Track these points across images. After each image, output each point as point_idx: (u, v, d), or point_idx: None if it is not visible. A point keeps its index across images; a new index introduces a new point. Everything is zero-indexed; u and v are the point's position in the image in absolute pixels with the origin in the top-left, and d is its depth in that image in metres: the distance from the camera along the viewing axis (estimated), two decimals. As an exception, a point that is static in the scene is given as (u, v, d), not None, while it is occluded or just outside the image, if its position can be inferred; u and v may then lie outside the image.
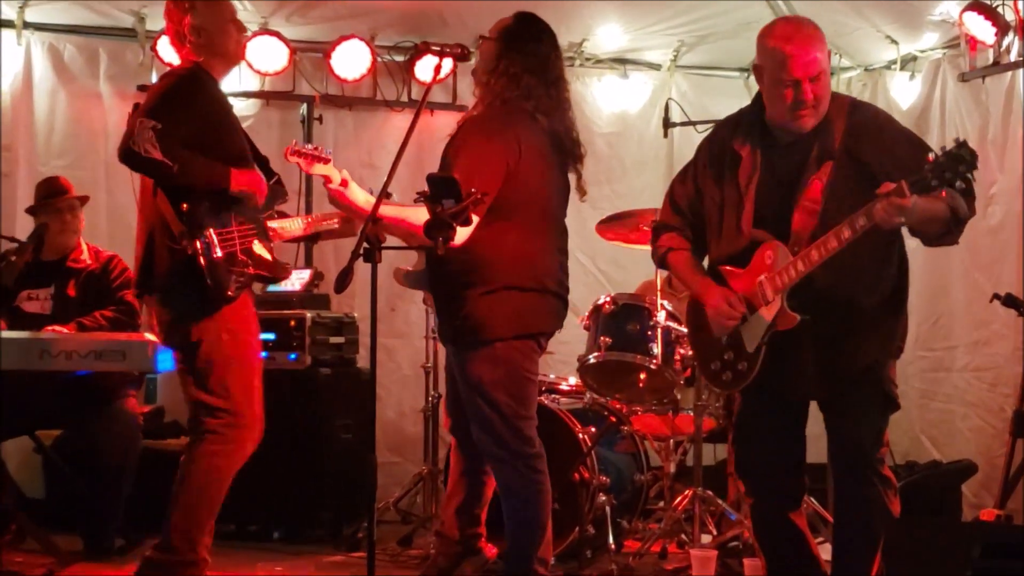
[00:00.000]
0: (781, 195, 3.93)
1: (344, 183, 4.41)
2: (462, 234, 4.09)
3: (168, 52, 6.76)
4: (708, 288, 4.06)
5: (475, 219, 4.14)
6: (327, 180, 4.42)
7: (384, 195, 4.03)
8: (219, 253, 4.47)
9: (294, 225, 4.94)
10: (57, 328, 5.45)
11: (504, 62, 4.52)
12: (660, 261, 4.28)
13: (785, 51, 3.86)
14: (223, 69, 4.78)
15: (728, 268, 4.04)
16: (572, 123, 4.66)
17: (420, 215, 4.00)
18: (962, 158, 3.50)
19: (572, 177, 4.72)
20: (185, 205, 4.45)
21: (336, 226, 5.06)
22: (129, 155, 4.40)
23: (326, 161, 4.41)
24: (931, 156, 3.56)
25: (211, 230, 4.47)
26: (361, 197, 4.43)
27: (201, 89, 4.59)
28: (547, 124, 4.55)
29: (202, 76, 4.62)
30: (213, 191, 4.51)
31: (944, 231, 3.85)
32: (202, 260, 4.44)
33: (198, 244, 4.44)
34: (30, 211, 5.97)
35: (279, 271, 4.78)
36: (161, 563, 4.52)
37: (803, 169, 3.91)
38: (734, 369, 4.03)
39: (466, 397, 4.52)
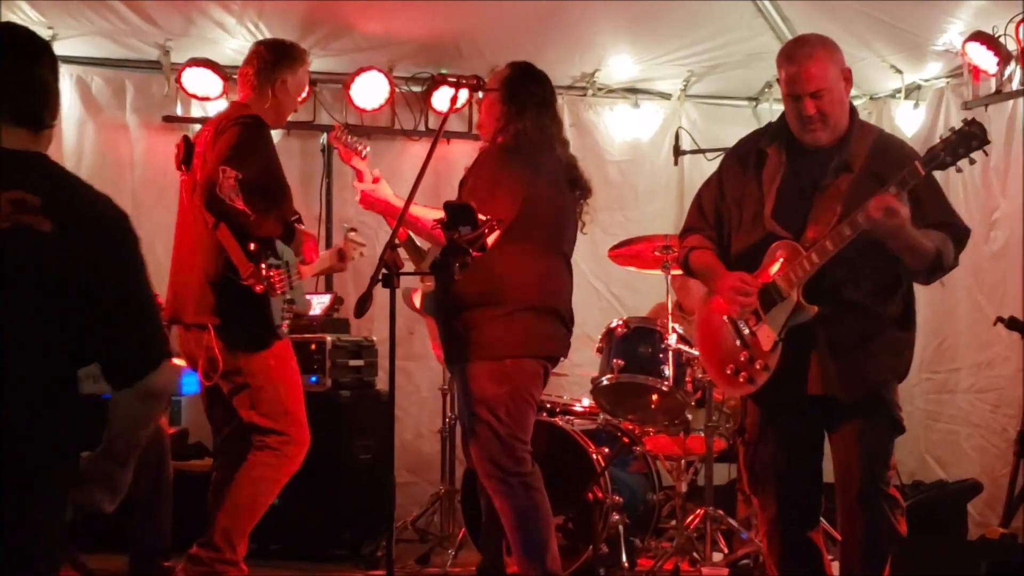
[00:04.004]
0: (800, 199, 3.96)
1: (376, 180, 4.50)
2: None
3: (193, 84, 6.87)
4: (721, 273, 4.03)
5: (490, 243, 4.15)
6: (359, 175, 4.50)
7: (401, 222, 4.13)
8: (276, 291, 4.68)
9: (317, 266, 5.16)
10: None
11: (511, 105, 4.54)
12: (684, 263, 4.23)
13: (786, 67, 3.95)
14: (274, 126, 4.95)
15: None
16: (575, 159, 4.72)
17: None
18: (973, 134, 3.66)
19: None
20: (252, 245, 4.64)
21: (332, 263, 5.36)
22: (215, 202, 4.55)
23: (363, 157, 4.50)
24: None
25: (273, 270, 4.66)
26: (391, 194, 4.50)
27: (267, 140, 4.79)
28: (561, 153, 4.63)
29: (266, 127, 4.81)
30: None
31: (922, 270, 3.92)
32: (267, 294, 4.65)
33: (264, 279, 4.64)
34: None
35: (305, 308, 5.12)
36: (204, 559, 4.71)
37: (823, 176, 3.94)
38: (751, 368, 3.98)
39: (465, 412, 4.48)
